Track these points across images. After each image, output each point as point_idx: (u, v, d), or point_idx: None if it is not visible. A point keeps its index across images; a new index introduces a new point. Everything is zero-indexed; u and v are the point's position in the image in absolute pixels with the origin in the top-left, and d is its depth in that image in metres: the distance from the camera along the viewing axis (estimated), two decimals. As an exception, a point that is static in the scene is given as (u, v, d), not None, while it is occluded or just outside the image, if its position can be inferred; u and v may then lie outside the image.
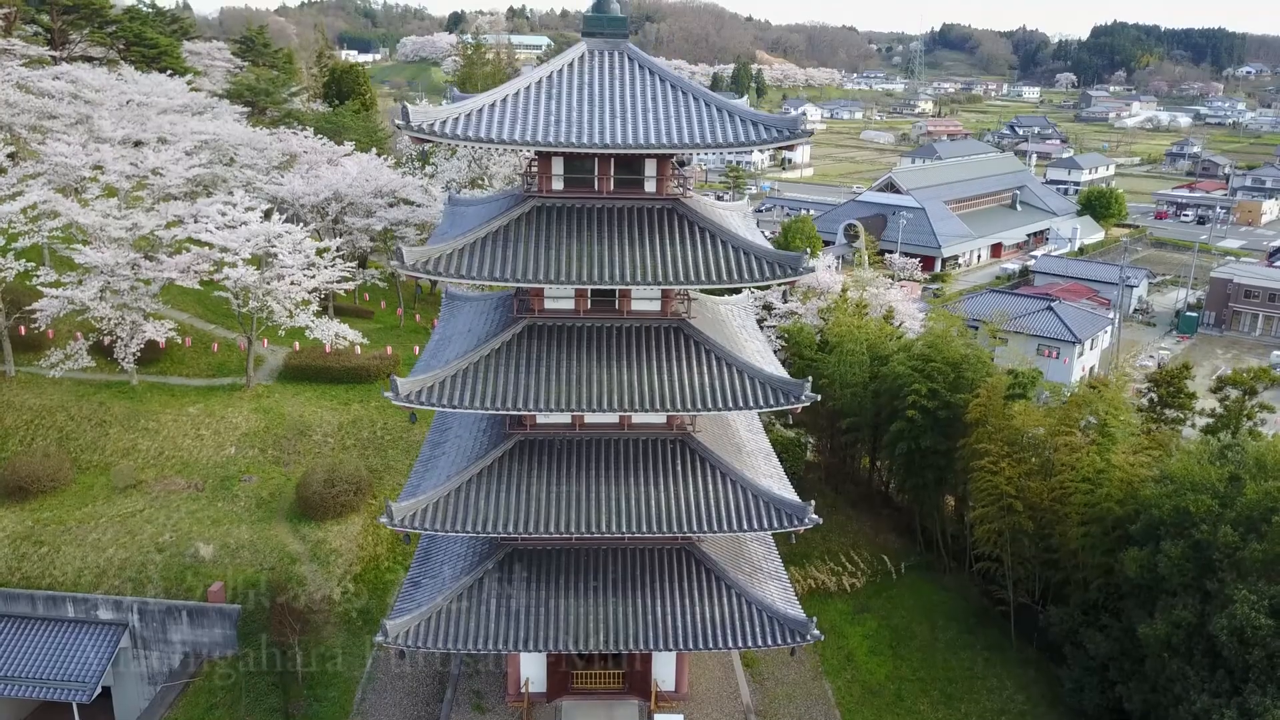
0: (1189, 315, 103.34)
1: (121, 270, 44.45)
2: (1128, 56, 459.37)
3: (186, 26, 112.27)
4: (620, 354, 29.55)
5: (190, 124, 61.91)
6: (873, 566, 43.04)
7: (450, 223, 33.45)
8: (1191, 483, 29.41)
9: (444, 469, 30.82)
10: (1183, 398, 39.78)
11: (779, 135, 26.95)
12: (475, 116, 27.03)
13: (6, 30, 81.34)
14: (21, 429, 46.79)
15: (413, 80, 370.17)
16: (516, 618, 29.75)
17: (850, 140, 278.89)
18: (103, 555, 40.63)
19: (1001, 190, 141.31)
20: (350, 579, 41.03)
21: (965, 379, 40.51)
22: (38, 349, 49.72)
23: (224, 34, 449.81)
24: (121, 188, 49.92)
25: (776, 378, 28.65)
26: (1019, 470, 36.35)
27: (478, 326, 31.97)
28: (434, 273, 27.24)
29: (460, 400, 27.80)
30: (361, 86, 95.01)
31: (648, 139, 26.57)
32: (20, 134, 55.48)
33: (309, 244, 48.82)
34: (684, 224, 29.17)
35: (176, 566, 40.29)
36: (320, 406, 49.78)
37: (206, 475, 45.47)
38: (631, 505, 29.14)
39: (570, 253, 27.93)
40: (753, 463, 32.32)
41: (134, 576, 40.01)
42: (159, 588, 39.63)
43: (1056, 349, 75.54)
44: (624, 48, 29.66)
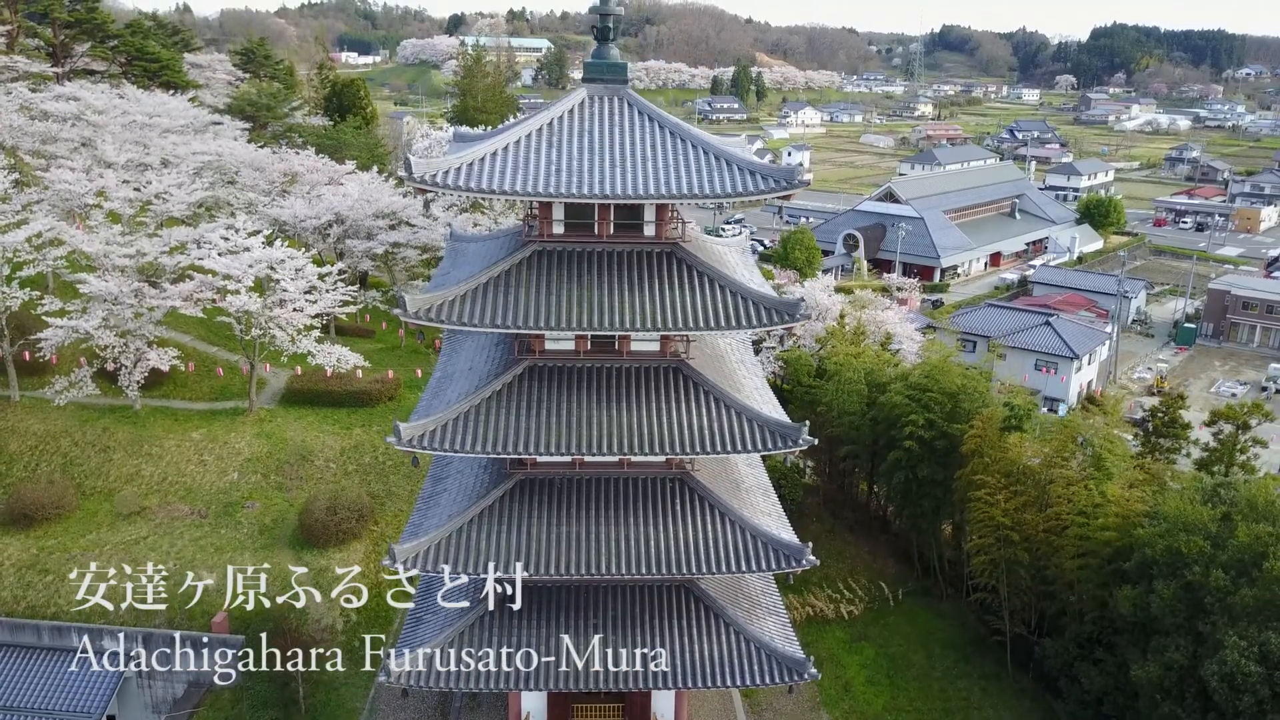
0: (1187, 327, 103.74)
1: (125, 299, 44.79)
2: (1127, 58, 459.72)
3: (188, 38, 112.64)
4: (620, 395, 29.90)
5: (193, 144, 62.23)
6: (870, 593, 43.42)
7: (452, 261, 33.85)
8: (1184, 523, 29.78)
9: (445, 507, 31.22)
10: (1177, 428, 40.07)
11: (776, 186, 27.30)
12: (477, 166, 27.38)
13: (9, 47, 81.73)
14: (26, 454, 47.14)
15: (413, 83, 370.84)
16: (517, 655, 30.11)
17: (850, 144, 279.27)
18: (107, 583, 40.89)
19: (1001, 199, 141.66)
20: (352, 608, 41.32)
21: (962, 409, 40.88)
22: (42, 373, 50.03)
23: (224, 36, 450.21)
24: (125, 213, 50.22)
25: (774, 421, 29.01)
26: (1015, 502, 36.73)
27: (479, 364, 32.31)
28: (436, 320, 27.60)
29: (462, 445, 28.17)
30: (362, 100, 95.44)
31: (647, 189, 26.91)
32: (24, 159, 55.81)
33: (311, 269, 49.17)
34: (683, 268, 29.51)
35: (180, 598, 40.58)
36: (322, 431, 50.13)
37: (210, 501, 45.83)
38: (631, 546, 29.52)
39: (571, 298, 28.27)
40: (751, 500, 32.67)
41: (138, 608, 40.29)
42: (162, 617, 40.01)
43: (1055, 365, 75.86)
44: (624, 93, 29.99)
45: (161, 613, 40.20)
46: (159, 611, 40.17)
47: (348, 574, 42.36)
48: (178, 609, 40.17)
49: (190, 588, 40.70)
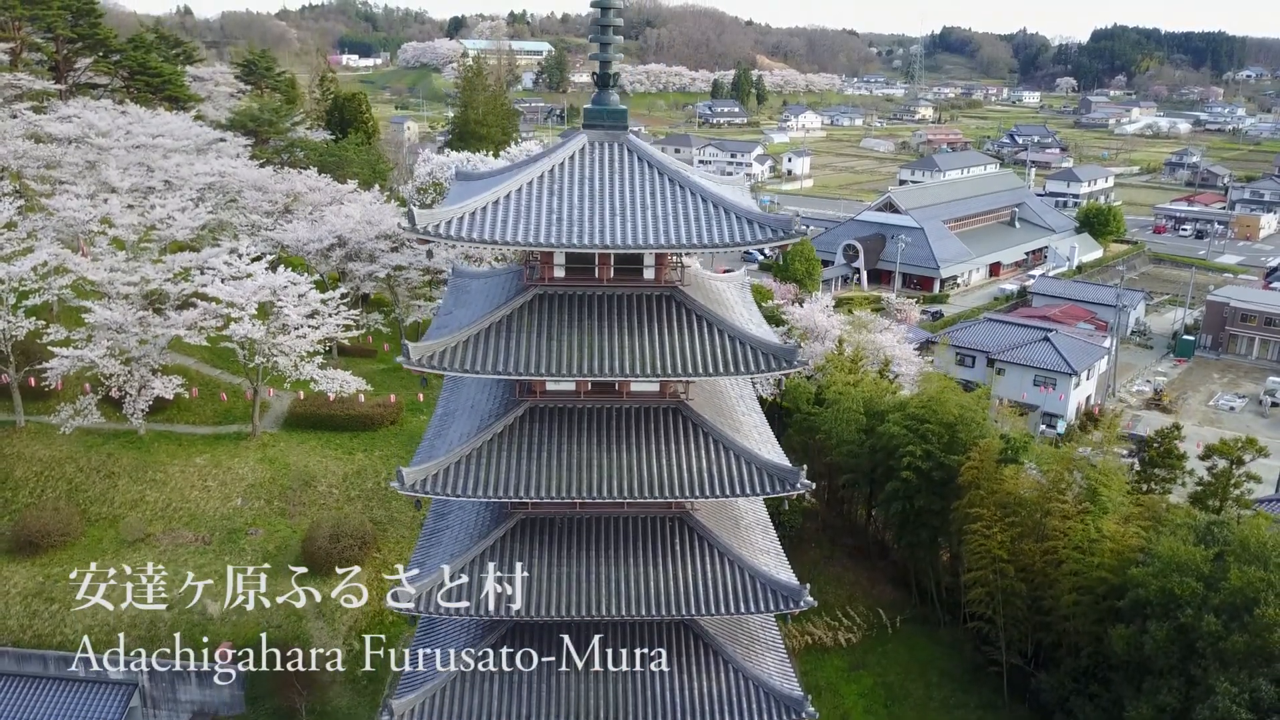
0: (1186, 339, 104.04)
1: (130, 327, 45.20)
2: (1128, 60, 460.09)
3: (190, 50, 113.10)
4: (620, 437, 30.23)
5: (196, 165, 62.62)
6: (868, 620, 43.81)
7: (454, 299, 34.19)
8: (1177, 563, 30.15)
9: (448, 546, 31.57)
10: (1173, 459, 40.43)
11: (774, 235, 27.63)
12: (479, 216, 27.69)
13: (13, 64, 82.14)
14: (31, 480, 47.55)
15: (413, 86, 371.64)
16: (517, 695, 30.49)
17: (850, 149, 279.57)
18: (112, 613, 41.31)
19: (1000, 208, 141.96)
20: (355, 636, 41.79)
21: (959, 440, 41.26)
22: (47, 398, 50.45)
23: (225, 38, 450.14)
24: (129, 239, 50.63)
25: (773, 465, 29.35)
26: (1011, 534, 37.11)
27: (480, 402, 32.65)
28: (439, 368, 27.97)
29: (464, 489, 28.54)
30: (364, 114, 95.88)
31: (646, 239, 27.23)
32: (29, 184, 56.25)
33: (314, 295, 49.57)
34: (682, 312, 29.84)
35: (185, 624, 41.08)
36: (325, 456, 50.53)
37: (214, 528, 46.23)
38: (631, 586, 29.86)
39: (571, 343, 28.61)
40: (750, 537, 33.02)
41: (143, 634, 40.80)
42: (167, 646, 40.32)
43: (1053, 381, 76.17)
44: (624, 139, 30.27)
45: (166, 641, 40.70)
46: (165, 640, 40.80)
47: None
48: (183, 637, 40.59)
49: (196, 618, 41.51)
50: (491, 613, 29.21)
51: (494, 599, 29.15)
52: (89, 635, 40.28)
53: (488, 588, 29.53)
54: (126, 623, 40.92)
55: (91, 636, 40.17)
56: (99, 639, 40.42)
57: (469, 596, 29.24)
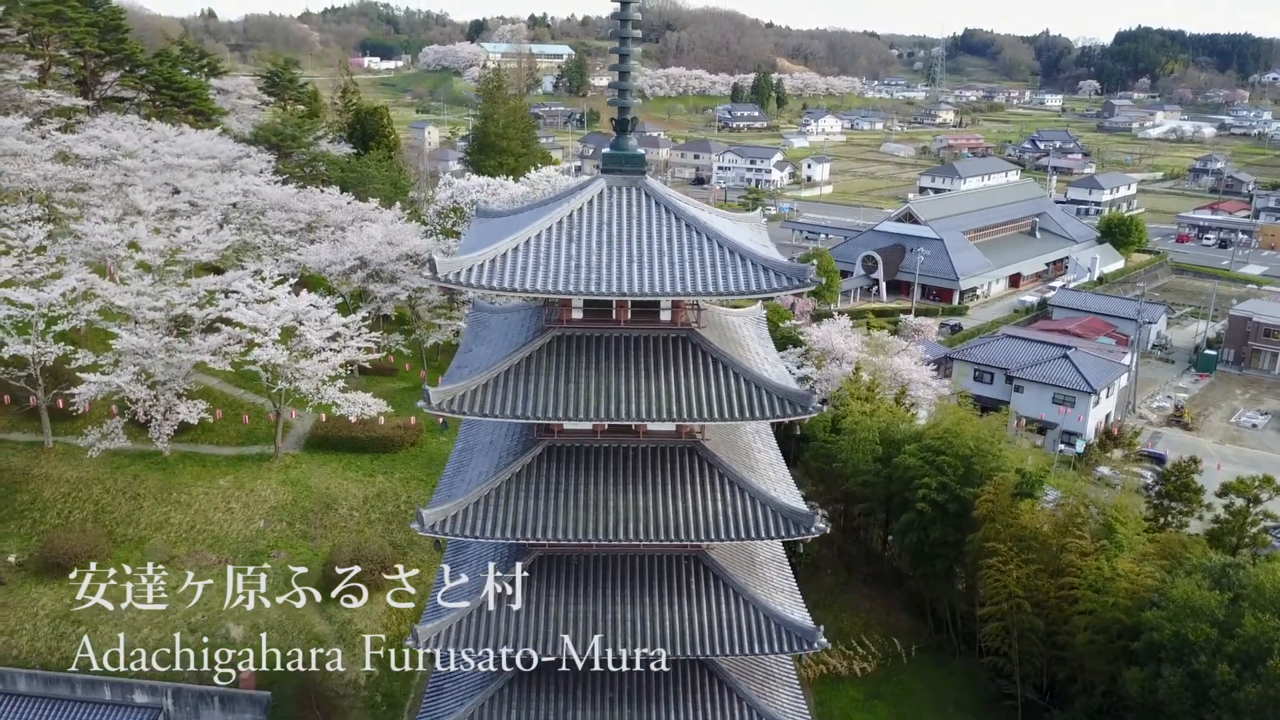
0: (1207, 353, 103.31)
1: (156, 353, 45.97)
2: (1152, 63, 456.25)
3: (214, 63, 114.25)
4: (637, 477, 30.57)
5: (221, 185, 63.47)
6: (884, 649, 43.95)
7: (474, 335, 34.73)
8: (1191, 608, 30.20)
9: (466, 586, 32.03)
10: (1190, 493, 40.39)
11: (789, 284, 27.95)
12: (499, 263, 28.11)
13: (42, 80, 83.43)
14: (59, 502, 48.41)
15: (434, 90, 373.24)
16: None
17: (870, 154, 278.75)
18: (137, 635, 42.09)
19: (1021, 218, 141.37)
20: (375, 661, 42.27)
21: (975, 472, 41.36)
22: (74, 418, 51.30)
23: (248, 41, 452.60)
24: (155, 263, 51.47)
25: (788, 508, 29.65)
26: (1027, 570, 37.21)
27: (499, 439, 33.09)
28: (458, 412, 28.41)
29: (482, 530, 28.99)
30: (385, 128, 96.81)
31: (663, 287, 27.59)
32: (57, 207, 57.26)
33: (336, 319, 50.22)
34: (698, 354, 30.16)
35: (208, 647, 41.68)
36: (346, 479, 51.16)
37: (236, 550, 46.93)
38: (648, 625, 30.20)
39: (589, 386, 29.00)
40: (765, 574, 33.32)
41: (167, 657, 41.40)
42: (191, 671, 41.02)
43: (1072, 399, 75.93)
44: (642, 184, 30.61)
45: (190, 664, 41.41)
46: (188, 664, 41.49)
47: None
48: (206, 658, 41.30)
49: (219, 641, 42.17)
50: (508, 652, 29.68)
51: (507, 640, 29.59)
52: (113, 657, 41.51)
53: (503, 626, 30.00)
54: (151, 645, 41.61)
55: (117, 659, 41.33)
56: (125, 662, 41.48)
57: (485, 637, 29.69)
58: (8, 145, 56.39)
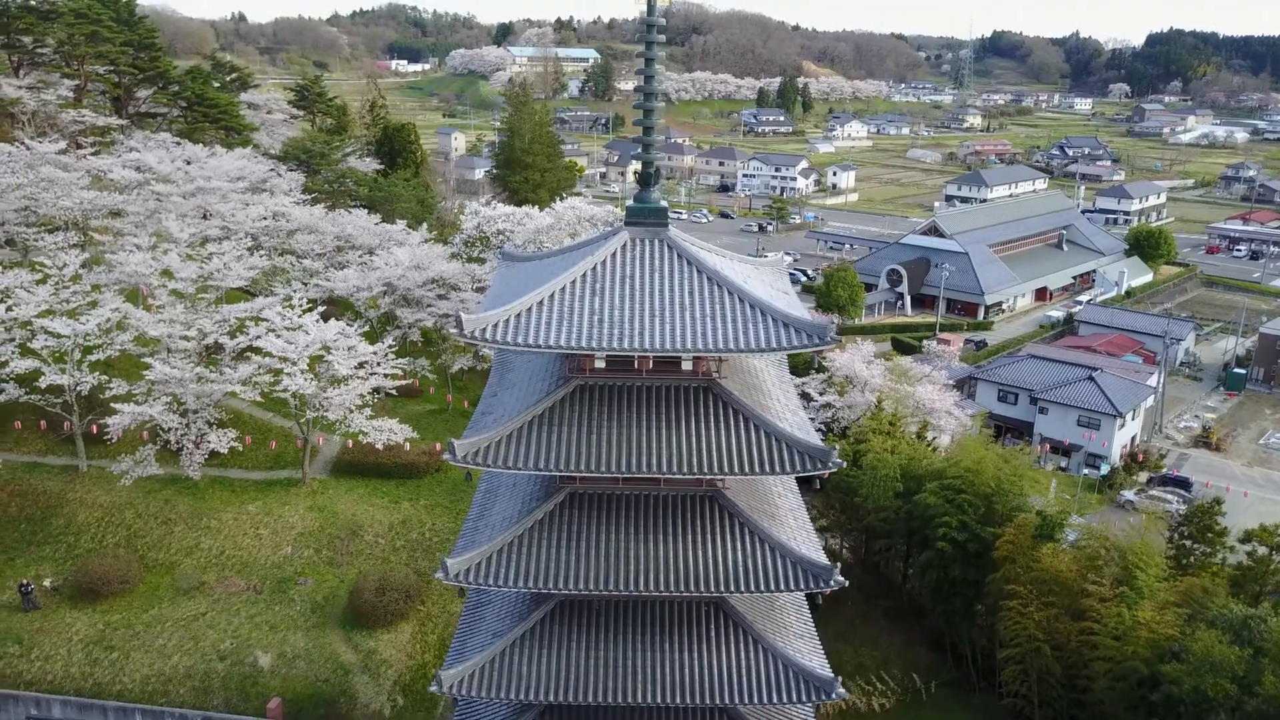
0: (1236, 372, 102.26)
1: (188, 383, 46.88)
2: (1184, 66, 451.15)
3: (244, 76, 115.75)
4: (658, 525, 30.96)
5: (251, 209, 64.46)
6: (903, 684, 44.08)
7: (498, 376, 35.22)
8: (1211, 663, 30.20)
9: (490, 627, 32.60)
10: (1213, 534, 40.26)
11: (809, 341, 28.14)
12: (524, 319, 28.53)
13: (77, 100, 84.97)
14: (93, 526, 49.48)
15: (461, 94, 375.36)
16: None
17: (896, 160, 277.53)
18: (169, 662, 43.02)
19: (1048, 230, 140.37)
20: (399, 691, 43.02)
21: (996, 511, 41.42)
22: (107, 444, 52.38)
23: (277, 44, 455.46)
24: (187, 291, 52.46)
25: (807, 560, 29.91)
26: (1047, 613, 37.27)
27: (521, 482, 33.59)
28: (483, 464, 28.87)
29: (505, 579, 29.47)
30: (412, 144, 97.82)
31: (684, 343, 27.90)
32: (93, 234, 58.46)
33: (363, 347, 50.96)
34: (719, 405, 30.51)
35: (237, 676, 42.55)
36: (372, 505, 51.91)
37: (264, 576, 47.78)
38: (667, 673, 30.61)
39: (610, 438, 29.40)
40: (784, 619, 33.62)
41: (198, 685, 42.32)
42: (220, 698, 41.92)
43: (1097, 422, 75.51)
44: (664, 236, 30.98)
45: (219, 693, 42.30)
46: (217, 691, 42.37)
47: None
48: (235, 689, 42.17)
49: (248, 669, 43.01)
50: (528, 698, 30.19)
51: (530, 685, 30.12)
52: (147, 684, 42.51)
53: (525, 671, 30.54)
54: (182, 673, 42.56)
55: (150, 686, 42.34)
56: (156, 689, 42.44)
57: (504, 684, 30.22)
58: (45, 173, 57.56)
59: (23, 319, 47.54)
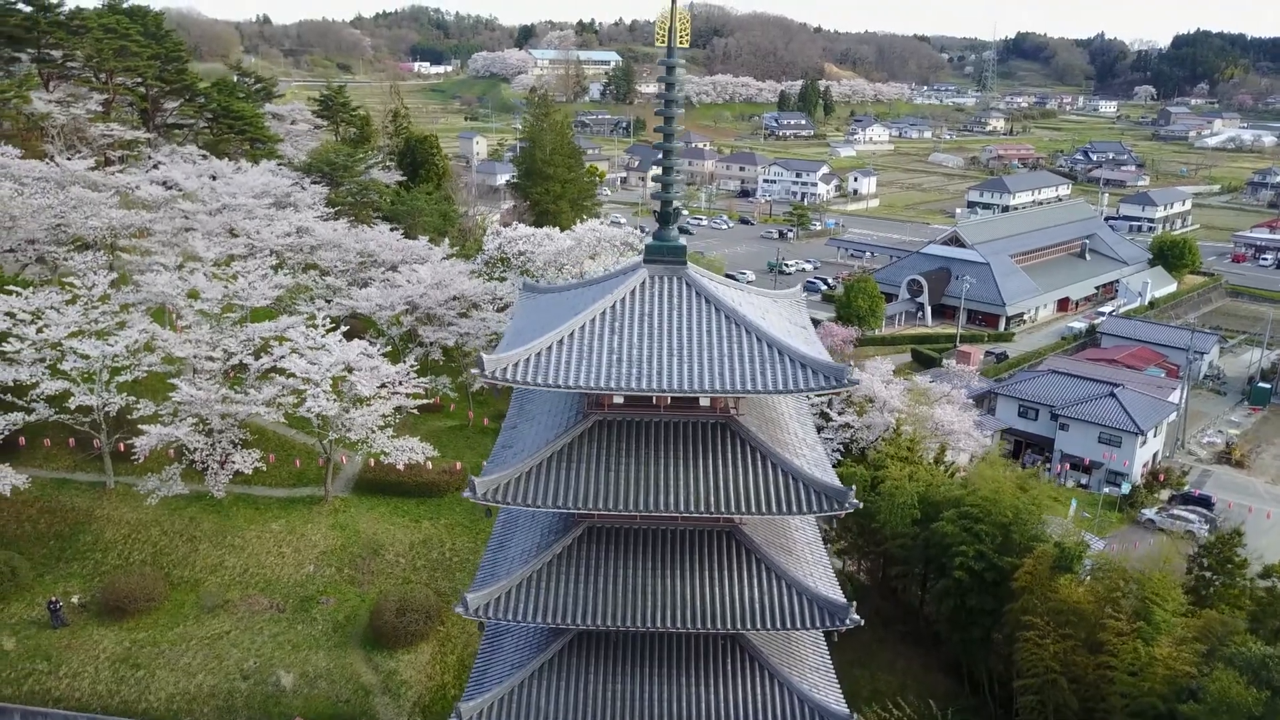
0: (1261, 386, 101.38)
1: (213, 404, 47.61)
2: (1210, 68, 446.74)
3: (269, 86, 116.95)
4: (675, 560, 31.23)
5: (275, 225, 65.24)
6: (920, 711, 44.03)
7: (518, 408, 35.61)
8: (1228, 705, 30.18)
9: (508, 658, 33.00)
10: (1232, 566, 40.13)
11: (827, 383, 28.36)
12: (543, 358, 28.89)
13: (106, 113, 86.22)
14: (119, 543, 50.28)
15: (483, 96, 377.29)
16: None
17: (918, 164, 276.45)
18: (193, 681, 43.70)
19: (1070, 240, 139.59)
20: (419, 712, 43.51)
21: (1013, 540, 41.44)
22: (133, 462, 53.19)
23: (301, 46, 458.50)
24: (213, 311, 53.24)
25: (824, 598, 30.10)
26: (1064, 645, 37.27)
27: (541, 515, 33.94)
28: (502, 501, 29.24)
29: (523, 615, 29.83)
30: (434, 157, 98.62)
31: (702, 384, 28.17)
32: (120, 253, 59.41)
33: (386, 368, 51.52)
34: (736, 442, 30.75)
35: (260, 696, 43.18)
36: (393, 524, 52.49)
37: (287, 595, 48.40)
38: (685, 707, 30.90)
39: (628, 475, 29.71)
40: (800, 652, 33.82)
41: (221, 705, 42.97)
42: (244, 718, 42.58)
43: (1119, 440, 75.14)
44: (683, 273, 31.27)
45: (242, 712, 42.97)
46: (240, 711, 43.04)
47: (415, 677, 45.05)
48: (258, 709, 42.83)
49: (270, 688, 43.65)
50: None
51: (548, 719, 30.51)
52: (172, 703, 43.24)
53: (543, 704, 30.94)
54: (206, 692, 43.26)
55: (174, 705, 43.06)
56: (181, 708, 43.16)
57: (523, 717, 30.63)
58: (75, 193, 58.55)
59: (53, 340, 48.43)
